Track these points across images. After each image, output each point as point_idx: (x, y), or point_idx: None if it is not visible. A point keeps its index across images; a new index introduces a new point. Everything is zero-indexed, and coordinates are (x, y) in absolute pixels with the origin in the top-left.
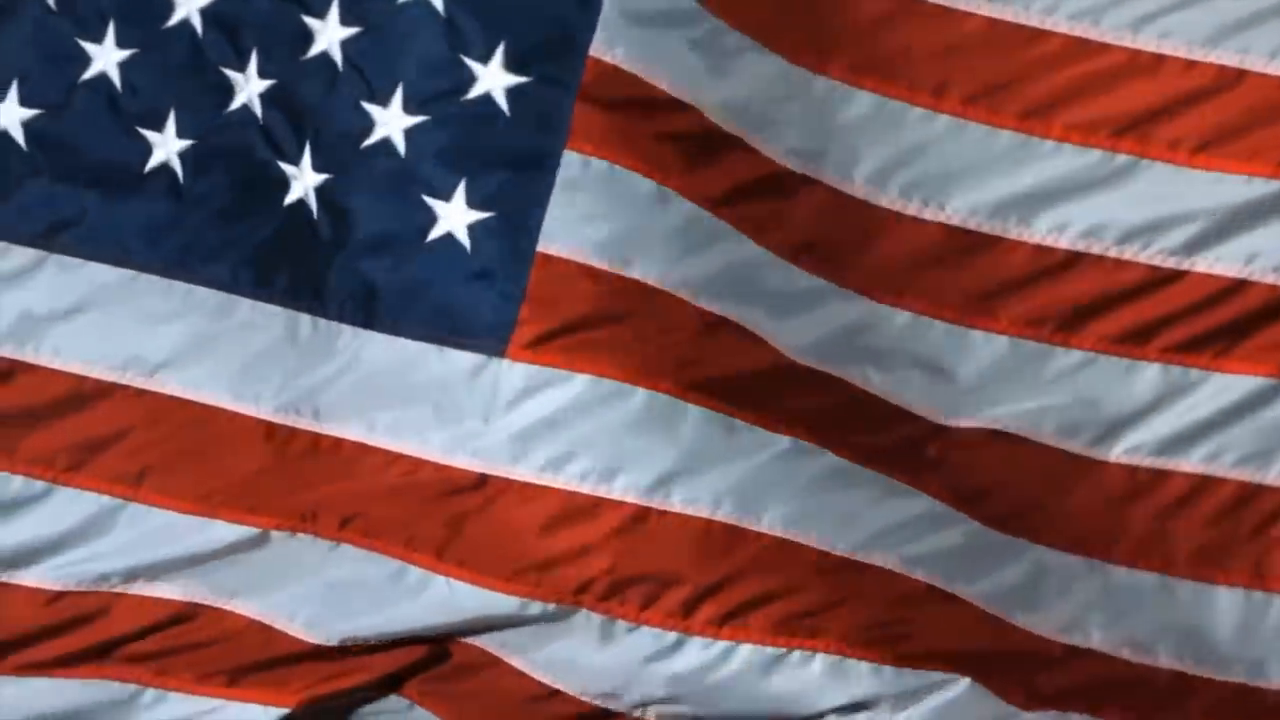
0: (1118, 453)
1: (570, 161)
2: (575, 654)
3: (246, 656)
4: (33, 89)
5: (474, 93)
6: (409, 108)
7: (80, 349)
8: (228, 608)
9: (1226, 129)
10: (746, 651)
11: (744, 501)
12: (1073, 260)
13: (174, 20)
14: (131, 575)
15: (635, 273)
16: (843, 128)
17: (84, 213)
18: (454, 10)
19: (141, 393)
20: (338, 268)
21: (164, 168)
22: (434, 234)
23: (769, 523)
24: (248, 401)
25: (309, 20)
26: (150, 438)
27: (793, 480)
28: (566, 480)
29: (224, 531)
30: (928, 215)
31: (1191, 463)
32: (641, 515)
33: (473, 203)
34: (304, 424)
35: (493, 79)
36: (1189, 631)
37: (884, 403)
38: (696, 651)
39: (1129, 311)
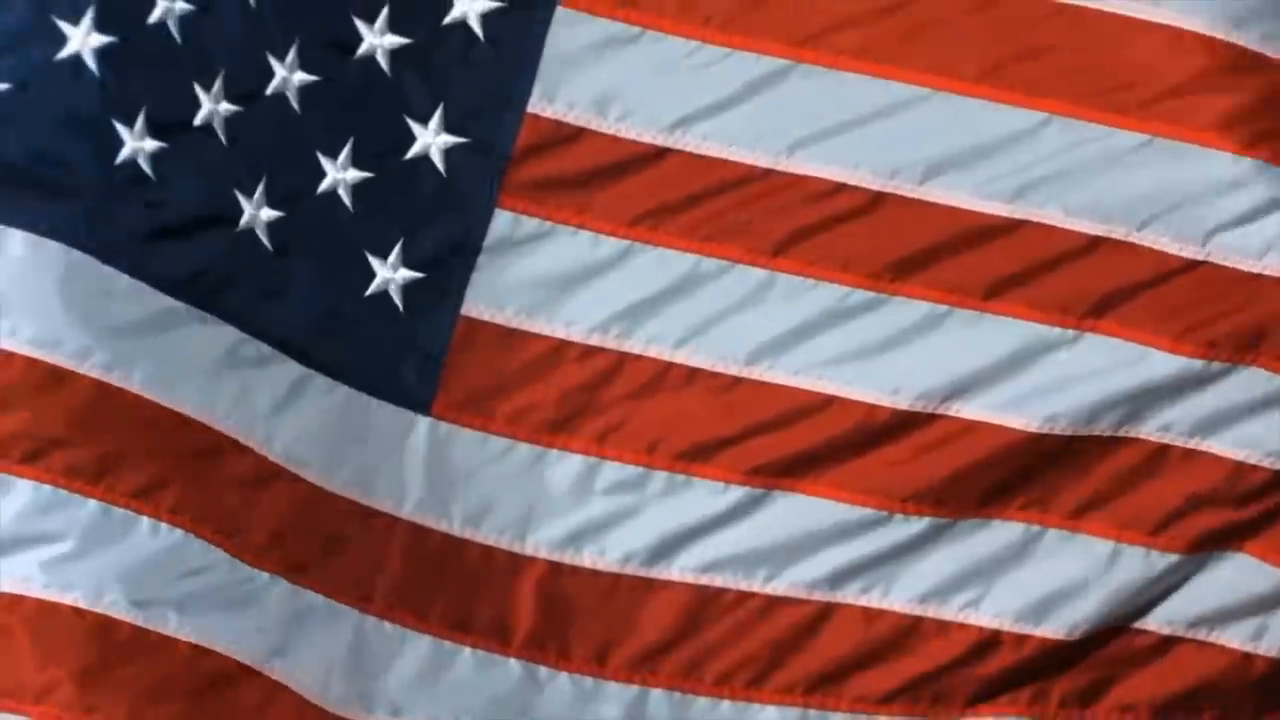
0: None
1: (502, 220)
2: None
3: None
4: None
5: (413, 153)
6: (357, 162)
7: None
8: None
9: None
10: None
11: (652, 556)
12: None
13: (153, 18)
14: None
15: (560, 331)
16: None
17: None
18: (397, 70)
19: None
20: (281, 302)
21: (131, 163)
22: (370, 290)
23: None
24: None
25: (272, 61)
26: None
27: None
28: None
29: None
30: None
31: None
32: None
33: (408, 263)
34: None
35: (431, 139)
36: None
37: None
38: None
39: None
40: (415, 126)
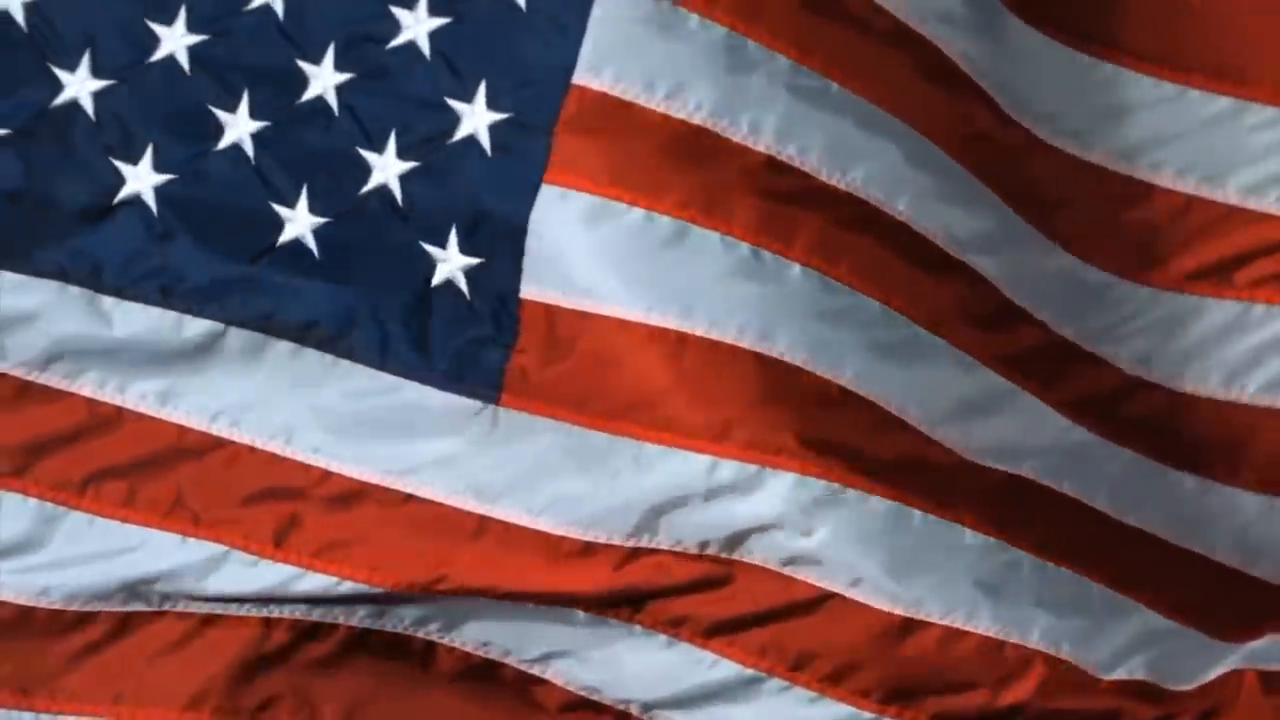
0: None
1: (548, 196)
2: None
3: None
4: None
5: (460, 134)
6: (402, 153)
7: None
8: None
9: None
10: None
11: (729, 544)
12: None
13: (158, 56)
14: None
15: (619, 310)
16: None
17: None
18: (438, 52)
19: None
20: (340, 308)
21: (136, 200)
22: (435, 280)
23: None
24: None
25: (304, 65)
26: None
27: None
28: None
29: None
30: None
31: None
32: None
33: (465, 249)
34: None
35: (477, 119)
36: None
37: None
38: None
39: None
40: (459, 107)
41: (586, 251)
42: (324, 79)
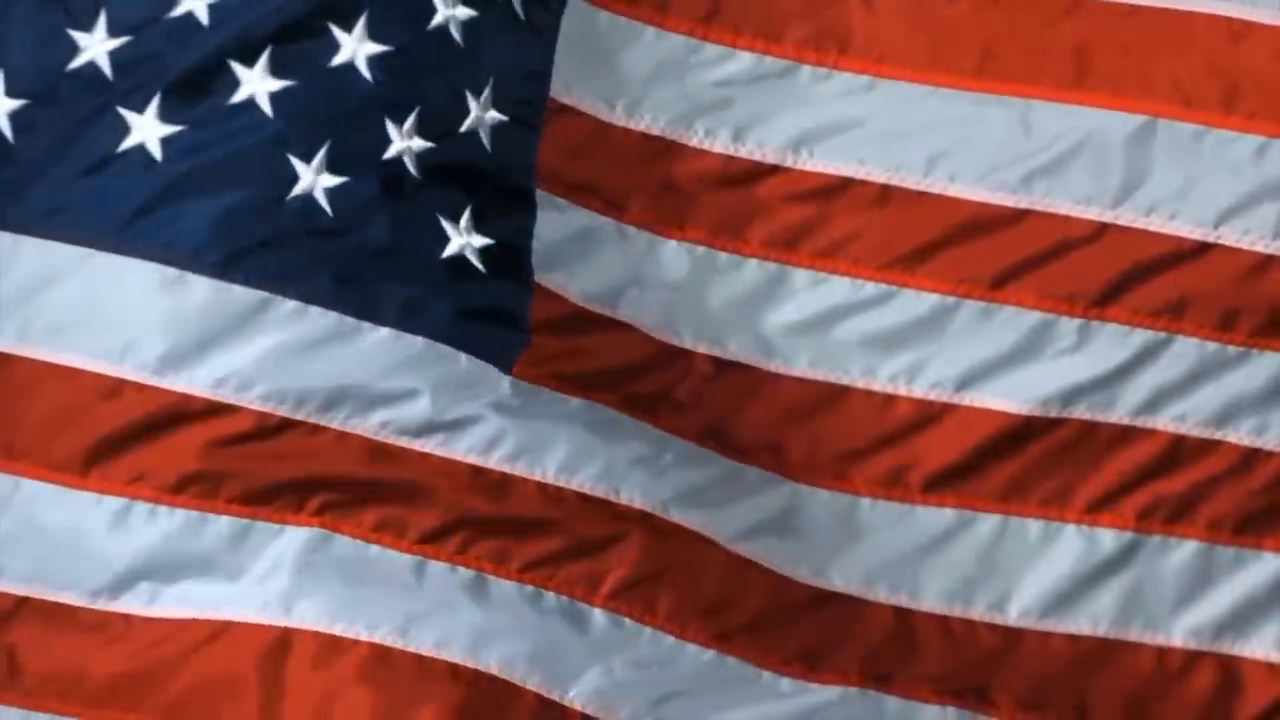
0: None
1: (540, 199)
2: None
3: None
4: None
5: (465, 127)
6: (422, 132)
7: None
8: None
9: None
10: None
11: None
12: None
13: (178, 11)
14: None
15: (605, 308)
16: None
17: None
18: (469, 42)
19: None
20: (355, 272)
21: (139, 149)
22: (448, 253)
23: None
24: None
25: (336, 30)
26: None
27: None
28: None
29: None
30: (952, 191)
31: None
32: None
33: (478, 229)
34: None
35: (480, 113)
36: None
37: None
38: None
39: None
40: (470, 100)
41: (575, 254)
42: (353, 47)
